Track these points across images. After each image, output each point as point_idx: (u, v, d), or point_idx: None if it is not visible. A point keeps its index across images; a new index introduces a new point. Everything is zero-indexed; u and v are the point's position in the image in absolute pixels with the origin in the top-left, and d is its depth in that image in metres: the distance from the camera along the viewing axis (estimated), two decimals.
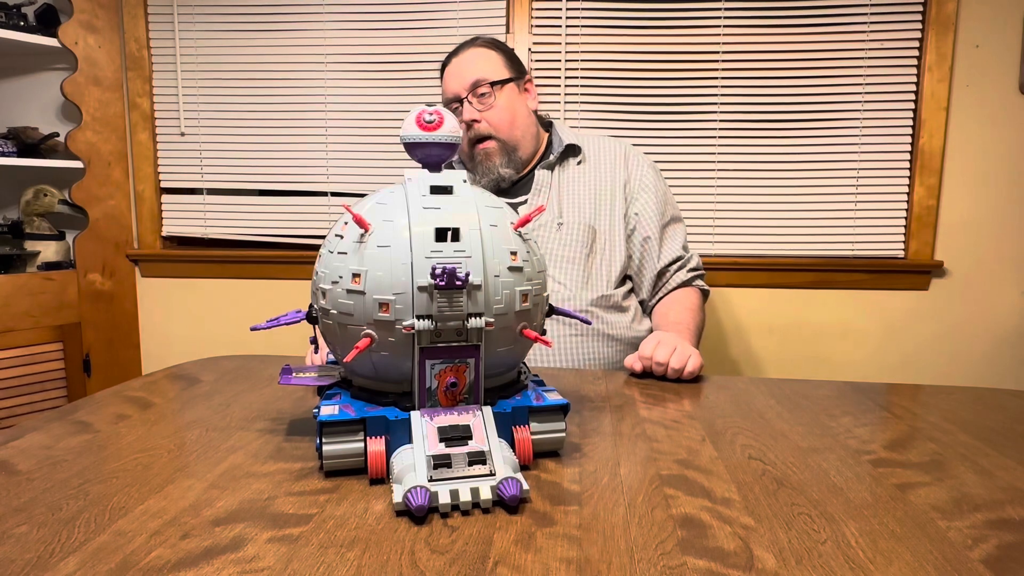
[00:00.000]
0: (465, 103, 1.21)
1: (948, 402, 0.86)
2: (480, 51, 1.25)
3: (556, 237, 1.20)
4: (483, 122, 1.22)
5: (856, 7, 1.76)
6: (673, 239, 1.26)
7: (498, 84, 1.22)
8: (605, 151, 1.29)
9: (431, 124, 0.60)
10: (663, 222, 1.25)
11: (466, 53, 1.25)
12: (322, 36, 1.90)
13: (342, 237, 0.59)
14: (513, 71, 1.26)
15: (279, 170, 1.96)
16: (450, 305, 0.56)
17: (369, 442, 0.56)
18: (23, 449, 0.63)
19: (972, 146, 1.79)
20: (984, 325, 1.85)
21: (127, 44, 1.95)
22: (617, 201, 1.24)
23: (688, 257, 1.26)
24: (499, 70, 1.24)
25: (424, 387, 0.57)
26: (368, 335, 0.56)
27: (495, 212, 0.61)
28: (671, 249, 1.24)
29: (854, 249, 1.84)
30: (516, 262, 0.59)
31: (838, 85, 1.79)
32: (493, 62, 1.24)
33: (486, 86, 1.21)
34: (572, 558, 0.45)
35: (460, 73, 1.23)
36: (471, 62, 1.23)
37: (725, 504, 0.54)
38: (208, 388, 0.84)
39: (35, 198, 1.90)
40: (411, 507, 0.50)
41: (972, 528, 0.51)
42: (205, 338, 2.05)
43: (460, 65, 1.24)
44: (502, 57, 1.26)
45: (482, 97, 1.22)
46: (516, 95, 1.26)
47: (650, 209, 1.24)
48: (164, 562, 0.43)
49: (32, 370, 1.83)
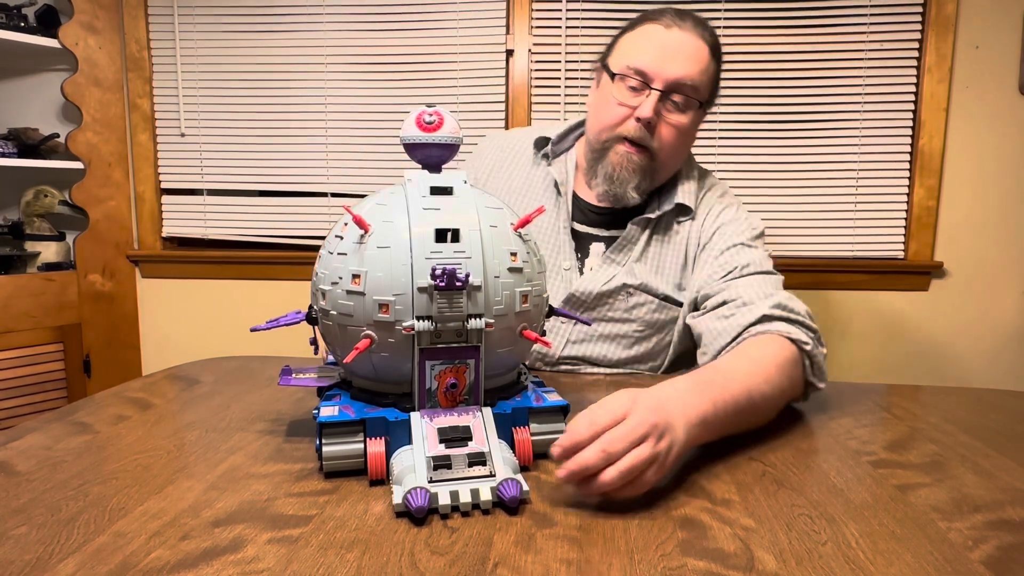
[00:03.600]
0: (653, 92, 0.92)
1: (948, 403, 0.86)
2: (703, 49, 0.95)
3: (621, 303, 0.98)
4: (658, 130, 0.95)
5: (856, 8, 1.76)
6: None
7: (701, 104, 0.96)
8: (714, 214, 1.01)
9: (431, 125, 0.60)
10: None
11: (690, 35, 0.94)
12: (322, 37, 1.90)
13: (342, 238, 0.59)
14: (713, 92, 1.00)
15: (279, 171, 1.97)
16: (450, 306, 0.55)
17: (369, 443, 0.56)
18: (23, 450, 0.63)
19: (972, 147, 1.79)
20: (984, 326, 1.85)
21: (127, 45, 1.95)
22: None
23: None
24: (707, 85, 0.97)
25: (424, 388, 0.57)
26: (368, 336, 0.56)
27: (495, 213, 0.60)
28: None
29: (854, 250, 1.84)
30: (516, 263, 0.59)
31: (838, 86, 1.79)
32: (708, 72, 0.96)
33: (690, 98, 0.94)
34: (572, 559, 0.45)
35: (675, 55, 0.93)
36: (691, 54, 0.94)
37: (725, 505, 0.54)
38: (208, 389, 0.84)
39: (35, 199, 1.90)
40: (411, 508, 0.50)
41: (972, 529, 0.51)
42: (205, 339, 2.05)
43: (678, 45, 0.93)
44: (715, 71, 0.98)
45: (675, 104, 0.94)
46: (699, 122, 1.00)
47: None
48: (164, 563, 0.43)
49: (32, 371, 1.83)
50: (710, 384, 0.64)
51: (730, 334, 0.83)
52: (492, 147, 1.13)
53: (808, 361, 0.78)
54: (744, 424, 0.68)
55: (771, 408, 0.72)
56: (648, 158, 0.96)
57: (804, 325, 0.80)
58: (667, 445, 0.54)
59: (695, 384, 0.63)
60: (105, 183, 1.95)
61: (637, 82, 0.93)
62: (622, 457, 0.51)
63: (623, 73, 0.94)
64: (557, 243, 1.01)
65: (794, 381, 0.75)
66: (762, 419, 0.71)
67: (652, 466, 0.53)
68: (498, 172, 1.10)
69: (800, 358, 0.77)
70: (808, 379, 0.78)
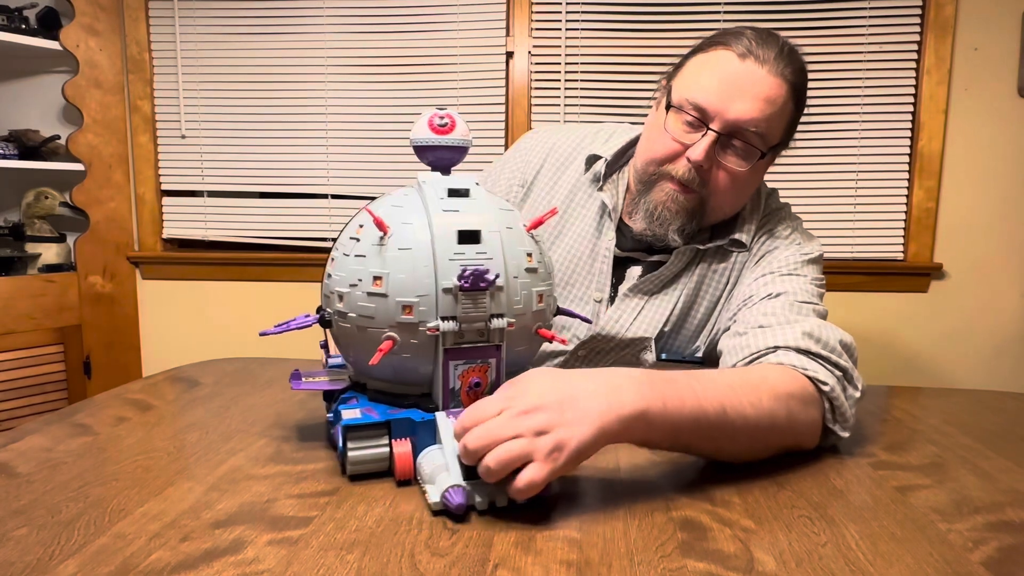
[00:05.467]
0: (709, 133, 0.80)
1: (948, 404, 0.86)
2: (778, 89, 0.80)
3: (632, 354, 0.91)
4: (711, 176, 0.83)
5: (855, 10, 1.77)
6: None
7: (764, 154, 0.83)
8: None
9: (444, 128, 0.61)
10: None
11: (766, 72, 0.80)
12: (322, 39, 1.91)
13: (359, 240, 0.59)
14: (787, 134, 0.86)
15: (279, 172, 1.97)
16: (475, 306, 0.56)
17: (395, 444, 0.56)
18: (23, 451, 0.63)
19: (971, 148, 1.79)
20: (983, 327, 1.85)
21: (128, 47, 1.95)
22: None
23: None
24: (777, 131, 0.83)
25: (448, 388, 0.58)
26: (390, 337, 0.56)
27: (509, 215, 0.62)
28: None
29: (853, 251, 1.84)
30: (532, 263, 0.60)
31: (837, 87, 1.79)
32: (781, 117, 0.82)
33: (753, 147, 0.82)
34: (572, 560, 0.45)
35: (741, 94, 0.80)
36: (761, 94, 0.80)
37: (725, 506, 0.54)
38: (208, 390, 0.84)
39: (36, 200, 1.91)
40: (450, 506, 0.50)
41: (972, 530, 0.51)
42: (205, 340, 2.05)
43: (748, 82, 0.80)
44: (792, 114, 0.84)
45: (735, 149, 0.82)
46: (764, 169, 0.88)
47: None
48: (164, 564, 0.43)
49: (32, 372, 1.83)
50: (670, 382, 0.57)
51: (739, 354, 0.74)
52: (541, 147, 1.01)
53: (828, 404, 0.65)
54: (714, 444, 0.59)
55: (756, 437, 0.61)
56: (697, 201, 0.85)
57: (831, 362, 0.67)
58: (547, 443, 0.49)
59: (649, 379, 0.56)
60: (106, 185, 1.95)
61: (694, 118, 0.81)
62: (493, 448, 0.49)
63: (680, 105, 0.82)
64: (593, 270, 0.93)
65: (797, 420, 0.63)
66: (743, 446, 0.61)
67: (534, 464, 0.49)
68: (543, 177, 1.00)
69: (819, 399, 0.65)
70: (826, 424, 0.66)
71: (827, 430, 0.66)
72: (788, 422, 0.62)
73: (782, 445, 0.64)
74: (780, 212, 0.93)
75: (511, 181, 1.00)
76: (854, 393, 0.68)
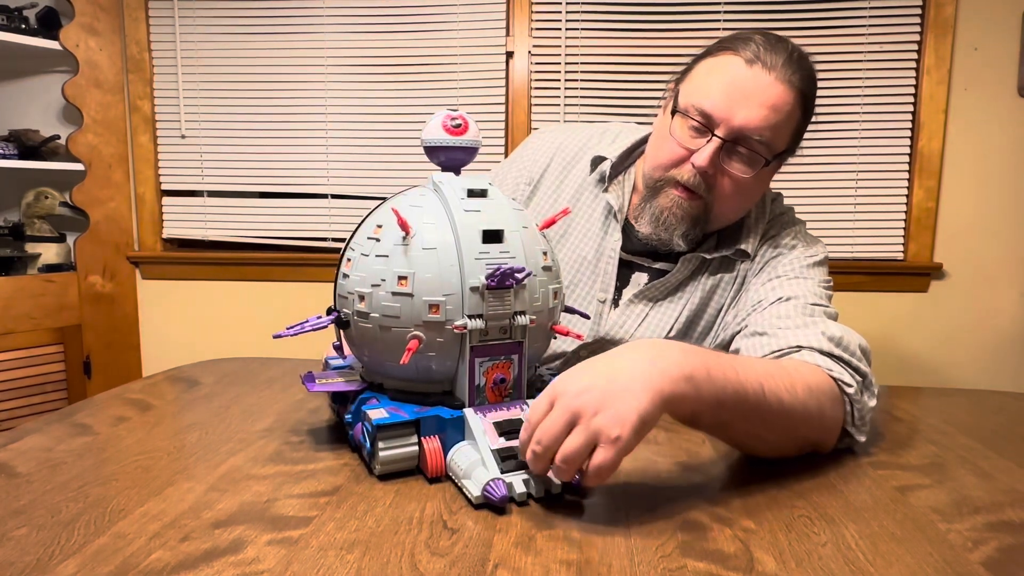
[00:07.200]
0: (713, 139, 0.80)
1: (948, 404, 0.86)
2: (785, 96, 0.80)
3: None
4: (716, 182, 0.83)
5: (855, 10, 1.77)
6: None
7: (768, 162, 0.82)
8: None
9: (457, 128, 0.61)
10: None
11: (774, 78, 0.79)
12: (322, 39, 1.91)
13: (378, 240, 0.59)
14: (793, 141, 0.85)
15: (279, 172, 1.97)
16: (500, 304, 0.57)
17: (425, 442, 0.57)
18: (23, 451, 0.63)
19: (971, 148, 1.79)
20: (983, 327, 1.85)
21: (128, 47, 1.95)
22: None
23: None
24: (783, 138, 0.83)
25: (473, 384, 0.59)
26: (416, 336, 0.57)
27: (523, 215, 0.63)
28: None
29: (853, 251, 1.84)
30: (547, 262, 0.62)
31: (837, 87, 1.79)
32: (787, 125, 0.82)
33: (758, 155, 0.81)
34: (572, 560, 0.45)
35: (747, 100, 0.79)
36: (768, 101, 0.79)
37: (725, 507, 0.54)
38: (208, 390, 0.84)
39: (36, 200, 1.91)
40: (493, 499, 0.51)
41: (972, 530, 0.51)
42: (205, 340, 2.05)
43: (755, 89, 0.79)
44: (798, 122, 0.83)
45: (740, 155, 0.81)
46: (770, 175, 0.88)
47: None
48: (164, 564, 0.43)
49: (32, 372, 1.83)
50: (711, 354, 0.57)
51: (762, 350, 0.73)
52: (548, 146, 1.01)
53: (849, 407, 0.66)
54: (748, 426, 0.59)
55: (788, 426, 0.61)
56: (702, 207, 0.84)
57: (852, 366, 0.68)
58: (606, 422, 0.49)
59: (690, 347, 0.56)
60: (106, 184, 1.95)
61: (699, 124, 0.81)
62: (558, 447, 0.50)
63: (686, 110, 0.82)
64: (598, 270, 0.92)
65: (826, 415, 0.64)
66: (776, 434, 0.61)
67: (599, 448, 0.49)
68: (550, 176, 0.99)
69: (841, 400, 0.65)
70: (846, 427, 0.66)
71: (843, 433, 0.67)
72: (819, 416, 0.63)
73: (808, 440, 0.64)
74: (783, 217, 0.94)
75: (518, 179, 1.00)
76: (871, 401, 0.68)
